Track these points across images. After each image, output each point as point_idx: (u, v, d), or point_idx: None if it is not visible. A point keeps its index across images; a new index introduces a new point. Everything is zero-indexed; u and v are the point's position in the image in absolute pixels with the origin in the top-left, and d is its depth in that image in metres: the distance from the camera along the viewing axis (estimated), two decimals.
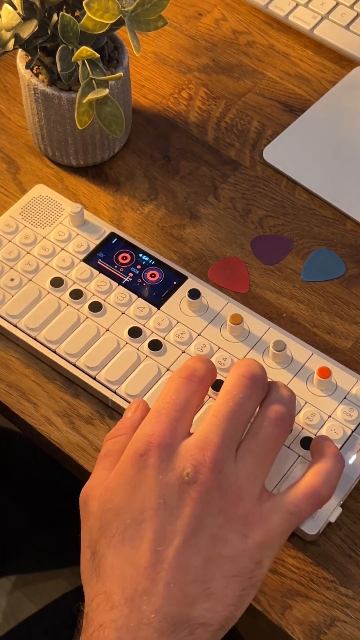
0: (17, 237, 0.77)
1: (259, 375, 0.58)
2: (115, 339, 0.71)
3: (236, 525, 0.54)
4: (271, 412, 0.57)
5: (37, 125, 0.81)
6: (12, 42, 0.73)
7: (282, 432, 0.57)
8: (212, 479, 0.53)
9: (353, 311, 0.76)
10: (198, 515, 0.53)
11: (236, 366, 0.59)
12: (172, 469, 0.54)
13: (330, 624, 0.62)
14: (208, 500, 0.53)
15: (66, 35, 0.72)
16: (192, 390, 0.58)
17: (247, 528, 0.54)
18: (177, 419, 0.56)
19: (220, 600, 0.53)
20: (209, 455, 0.54)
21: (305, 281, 0.78)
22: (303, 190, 0.83)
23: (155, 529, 0.53)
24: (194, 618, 0.52)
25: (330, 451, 0.59)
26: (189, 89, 0.90)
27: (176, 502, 0.53)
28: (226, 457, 0.54)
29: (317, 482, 0.57)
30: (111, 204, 0.82)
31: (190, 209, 0.82)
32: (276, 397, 0.58)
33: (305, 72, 0.92)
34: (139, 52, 0.68)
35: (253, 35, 0.94)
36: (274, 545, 0.55)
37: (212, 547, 0.53)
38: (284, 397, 0.59)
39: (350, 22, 0.93)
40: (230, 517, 0.54)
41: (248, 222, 0.81)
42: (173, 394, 0.58)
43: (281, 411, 0.57)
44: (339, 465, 0.58)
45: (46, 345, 0.71)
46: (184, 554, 0.53)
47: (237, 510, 0.54)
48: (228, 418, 0.55)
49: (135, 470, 0.55)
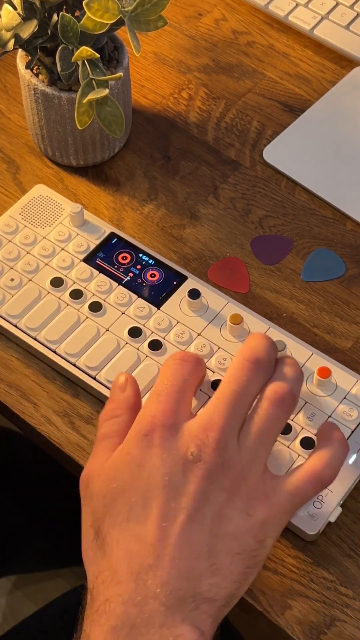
0: (17, 237, 0.77)
1: (263, 358, 0.59)
2: (115, 339, 0.71)
3: (239, 504, 0.55)
4: (271, 392, 0.58)
5: (37, 125, 0.81)
6: (12, 42, 0.73)
7: (283, 413, 0.58)
8: (215, 458, 0.54)
9: (353, 311, 0.76)
10: (202, 492, 0.54)
11: (242, 348, 0.59)
12: (176, 448, 0.55)
13: (330, 624, 0.62)
14: (212, 478, 0.54)
15: (66, 35, 0.72)
16: (188, 370, 0.59)
17: (250, 506, 0.55)
18: (177, 399, 0.57)
19: (226, 576, 0.54)
20: (212, 436, 0.55)
21: (305, 281, 0.78)
22: (303, 190, 0.83)
23: (160, 506, 0.54)
24: (200, 593, 0.53)
25: (336, 436, 0.60)
26: (189, 89, 0.90)
27: (181, 480, 0.54)
28: (229, 438, 0.55)
29: (320, 465, 0.58)
30: (111, 204, 0.82)
31: (190, 209, 0.82)
32: (279, 378, 0.59)
33: (305, 72, 0.92)
34: (139, 52, 0.68)
35: (253, 35, 0.94)
36: (277, 525, 0.56)
37: (217, 524, 0.54)
38: (288, 377, 0.59)
39: (350, 22, 0.93)
40: (233, 495, 0.55)
41: (248, 222, 0.81)
42: (170, 376, 0.58)
43: (281, 392, 0.58)
44: (342, 451, 0.59)
45: (46, 345, 0.71)
46: (189, 530, 0.53)
47: (240, 488, 0.55)
48: (231, 400, 0.56)
49: (139, 450, 0.56)
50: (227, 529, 0.54)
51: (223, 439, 0.55)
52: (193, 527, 0.54)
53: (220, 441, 0.55)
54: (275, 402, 0.58)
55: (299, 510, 0.64)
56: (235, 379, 0.58)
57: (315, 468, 0.58)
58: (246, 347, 0.59)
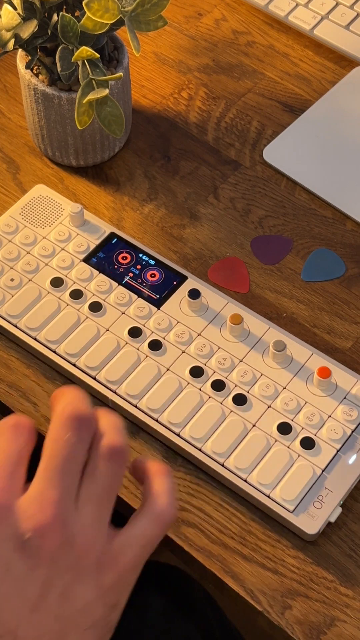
0: (17, 237, 0.77)
1: (84, 412, 0.53)
2: (115, 339, 0.71)
3: (88, 576, 0.51)
4: (103, 449, 0.53)
5: (37, 125, 0.81)
6: (12, 42, 0.73)
7: (119, 467, 0.53)
8: (56, 539, 0.50)
9: (353, 311, 0.76)
10: (46, 579, 0.50)
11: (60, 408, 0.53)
12: (12, 533, 0.50)
13: (330, 624, 0.62)
14: (54, 560, 0.50)
15: (66, 35, 0.72)
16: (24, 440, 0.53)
17: (99, 575, 0.52)
18: (10, 473, 0.52)
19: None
20: (49, 513, 0.50)
21: (305, 281, 0.78)
22: (303, 190, 0.83)
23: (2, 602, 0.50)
24: None
25: (157, 469, 0.55)
26: (189, 89, 0.90)
27: (21, 569, 0.50)
28: (67, 511, 0.51)
29: (162, 504, 0.54)
30: (111, 204, 0.82)
31: (190, 209, 0.82)
32: (105, 430, 0.54)
33: (305, 72, 0.92)
34: (139, 52, 0.68)
35: (253, 35, 0.94)
36: (130, 581, 0.53)
37: (63, 605, 0.51)
38: (113, 427, 0.54)
39: (350, 22, 0.93)
40: (80, 570, 0.51)
41: (248, 222, 0.81)
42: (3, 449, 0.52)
43: (113, 445, 0.53)
44: (170, 480, 0.55)
45: (46, 345, 0.71)
46: (35, 620, 0.50)
47: (86, 561, 0.51)
48: (63, 467, 0.51)
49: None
50: (76, 606, 0.51)
51: (61, 515, 0.50)
52: (39, 617, 0.50)
53: (58, 517, 0.50)
54: (113, 457, 0.53)
55: (294, 514, 0.64)
56: (63, 441, 0.51)
57: (160, 510, 0.53)
58: (63, 404, 0.53)
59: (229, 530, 0.66)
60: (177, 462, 0.68)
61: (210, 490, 0.67)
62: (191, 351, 0.71)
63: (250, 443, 0.67)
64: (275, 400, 0.69)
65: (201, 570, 0.65)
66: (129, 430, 0.70)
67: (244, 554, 0.65)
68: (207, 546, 0.65)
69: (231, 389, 0.69)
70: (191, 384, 0.69)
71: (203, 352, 0.71)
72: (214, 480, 0.67)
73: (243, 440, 0.67)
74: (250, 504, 0.66)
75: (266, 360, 0.71)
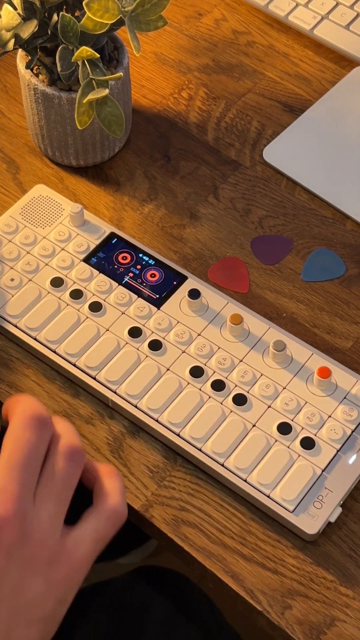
0: (17, 237, 0.77)
1: (43, 414, 0.55)
2: (115, 339, 0.71)
3: (40, 570, 0.53)
4: (62, 448, 0.55)
5: (37, 125, 0.81)
6: (12, 42, 0.73)
7: (76, 466, 0.55)
8: (14, 532, 0.52)
9: (353, 311, 0.76)
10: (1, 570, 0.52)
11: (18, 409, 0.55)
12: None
13: (330, 624, 0.62)
14: (10, 553, 0.52)
15: (66, 35, 0.72)
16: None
17: (51, 570, 0.53)
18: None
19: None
20: (9, 507, 0.52)
21: (305, 281, 0.78)
22: (303, 190, 0.83)
23: None
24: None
25: (107, 470, 0.58)
26: (189, 89, 0.90)
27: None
28: (26, 506, 0.52)
29: (114, 502, 0.56)
30: (111, 204, 0.82)
31: (190, 209, 0.82)
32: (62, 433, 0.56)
33: (305, 72, 0.92)
34: (139, 52, 0.68)
35: (253, 35, 0.94)
36: (80, 578, 0.55)
37: (15, 597, 0.52)
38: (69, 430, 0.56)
39: (350, 22, 0.93)
40: (34, 564, 0.52)
41: (248, 222, 0.81)
42: None
43: (70, 445, 0.55)
44: (120, 480, 0.57)
45: (46, 345, 0.71)
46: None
47: (40, 556, 0.53)
48: (22, 464, 0.53)
49: None
50: (26, 599, 0.52)
51: (21, 509, 0.52)
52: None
53: (18, 512, 0.52)
54: (70, 456, 0.55)
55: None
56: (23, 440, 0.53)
57: (112, 507, 0.55)
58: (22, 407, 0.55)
59: (229, 530, 0.66)
60: (177, 462, 0.68)
61: (210, 490, 0.67)
62: (191, 351, 0.71)
63: (250, 443, 0.67)
64: (275, 400, 0.69)
65: (201, 570, 0.65)
66: (129, 430, 0.70)
67: (244, 554, 0.65)
68: (207, 546, 0.65)
69: (231, 389, 0.69)
70: (191, 384, 0.70)
71: (203, 352, 0.71)
72: (214, 480, 0.67)
73: (243, 440, 0.67)
74: (250, 504, 0.66)
75: (266, 360, 0.71)
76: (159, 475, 0.68)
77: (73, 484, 0.55)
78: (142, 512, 0.66)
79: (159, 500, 0.67)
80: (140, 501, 0.67)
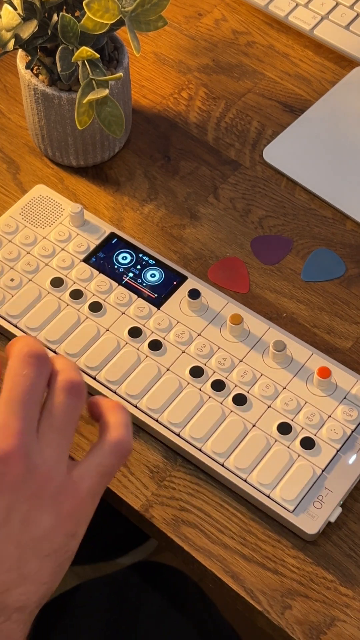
0: (17, 237, 0.77)
1: (40, 351, 0.56)
2: (115, 339, 0.71)
3: (47, 504, 0.53)
4: (61, 383, 0.55)
5: (37, 125, 0.81)
6: (12, 42, 0.73)
7: (77, 400, 0.55)
8: (19, 467, 0.52)
9: (353, 311, 0.76)
10: (8, 506, 0.52)
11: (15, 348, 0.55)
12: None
13: (330, 624, 0.62)
14: (16, 488, 0.52)
15: (66, 35, 0.72)
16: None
17: (58, 504, 0.53)
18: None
19: (35, 581, 0.53)
20: (11, 443, 0.52)
21: (305, 281, 0.78)
22: (303, 190, 0.83)
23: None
24: (10, 604, 0.52)
25: (112, 405, 0.58)
26: (189, 89, 0.90)
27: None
28: (30, 440, 0.53)
29: (120, 435, 0.56)
30: (111, 204, 0.82)
31: (190, 209, 0.82)
32: (61, 369, 0.56)
33: (305, 72, 0.92)
34: (139, 52, 0.68)
35: (253, 35, 0.94)
36: (89, 511, 0.55)
37: (24, 532, 0.53)
38: (69, 366, 0.57)
39: (350, 22, 0.93)
40: (41, 498, 0.53)
41: (248, 222, 0.81)
42: None
43: (70, 379, 0.55)
44: (126, 413, 0.57)
45: (46, 345, 0.71)
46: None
47: (47, 490, 0.53)
48: (22, 400, 0.53)
49: None
50: (35, 534, 0.53)
51: (24, 443, 0.52)
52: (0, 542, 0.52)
53: (21, 447, 0.52)
54: (70, 390, 0.55)
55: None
56: (22, 376, 0.54)
57: (118, 439, 0.55)
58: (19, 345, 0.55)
59: (229, 530, 0.66)
60: (177, 462, 0.68)
61: (210, 490, 0.67)
62: (191, 351, 0.71)
63: (250, 443, 0.67)
64: (275, 400, 0.69)
65: (201, 570, 0.65)
66: None
67: (244, 554, 0.65)
68: (207, 546, 0.65)
69: (231, 389, 0.69)
70: (191, 384, 0.70)
71: (203, 352, 0.71)
72: (214, 480, 0.67)
73: (243, 440, 0.67)
74: (250, 504, 0.66)
75: (266, 360, 0.71)
76: (159, 475, 0.68)
77: (75, 417, 0.55)
78: (142, 512, 0.66)
79: (159, 500, 0.67)
80: (140, 501, 0.67)
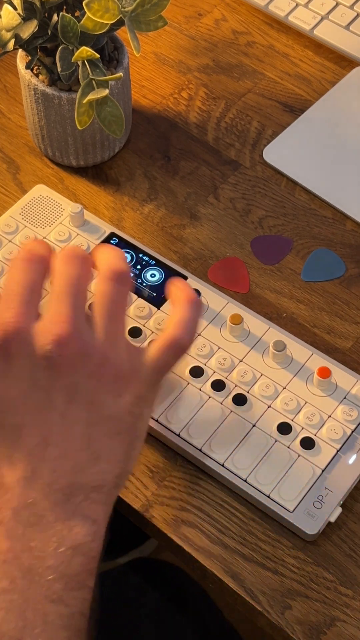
0: (17, 237, 0.77)
1: (82, 251, 0.58)
2: None
3: (109, 385, 0.55)
4: (106, 272, 0.57)
5: (37, 125, 0.81)
6: (12, 42, 0.73)
7: (124, 286, 0.57)
8: (74, 348, 0.54)
9: (353, 311, 0.76)
10: (70, 385, 0.54)
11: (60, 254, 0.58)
12: (34, 349, 0.54)
13: (330, 624, 0.62)
14: (76, 368, 0.54)
15: (66, 35, 0.72)
16: (36, 270, 0.57)
17: (119, 385, 0.55)
18: (26, 301, 0.56)
19: (109, 460, 0.54)
20: (65, 327, 0.54)
21: (305, 281, 0.78)
22: (303, 190, 0.83)
23: (32, 410, 0.53)
24: (87, 483, 0.53)
25: (187, 296, 0.59)
26: (189, 89, 0.90)
27: (47, 380, 0.53)
28: (82, 324, 0.55)
29: (177, 333, 0.57)
30: (111, 204, 0.82)
31: (190, 209, 0.82)
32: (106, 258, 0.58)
33: (305, 72, 0.92)
34: (139, 52, 0.68)
35: (253, 36, 0.94)
36: (149, 397, 0.57)
37: (91, 411, 0.54)
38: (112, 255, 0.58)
39: (350, 22, 0.93)
40: (101, 378, 0.54)
41: (248, 222, 0.81)
42: (17, 278, 0.57)
43: (115, 267, 0.57)
44: (196, 311, 0.59)
45: None
46: (66, 426, 0.54)
47: (106, 371, 0.55)
48: (71, 291, 0.55)
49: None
50: (103, 413, 0.54)
51: (76, 327, 0.54)
52: (69, 423, 0.54)
53: (75, 330, 0.54)
54: (114, 278, 0.57)
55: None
56: (66, 273, 0.56)
57: (175, 337, 0.57)
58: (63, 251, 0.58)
59: (229, 530, 0.66)
60: (177, 462, 0.68)
61: (210, 490, 0.67)
62: (191, 351, 0.71)
63: (250, 443, 0.67)
64: (275, 400, 0.69)
65: (201, 570, 0.65)
66: None
67: (244, 554, 0.65)
68: (207, 546, 0.65)
69: (231, 389, 0.69)
70: (191, 384, 0.70)
71: (203, 352, 0.71)
72: (214, 480, 0.67)
73: (243, 440, 0.67)
74: (250, 504, 0.66)
75: (266, 360, 0.71)
76: (159, 475, 0.68)
77: (122, 303, 0.57)
78: (142, 512, 0.66)
79: (159, 500, 0.67)
80: (140, 501, 0.67)
